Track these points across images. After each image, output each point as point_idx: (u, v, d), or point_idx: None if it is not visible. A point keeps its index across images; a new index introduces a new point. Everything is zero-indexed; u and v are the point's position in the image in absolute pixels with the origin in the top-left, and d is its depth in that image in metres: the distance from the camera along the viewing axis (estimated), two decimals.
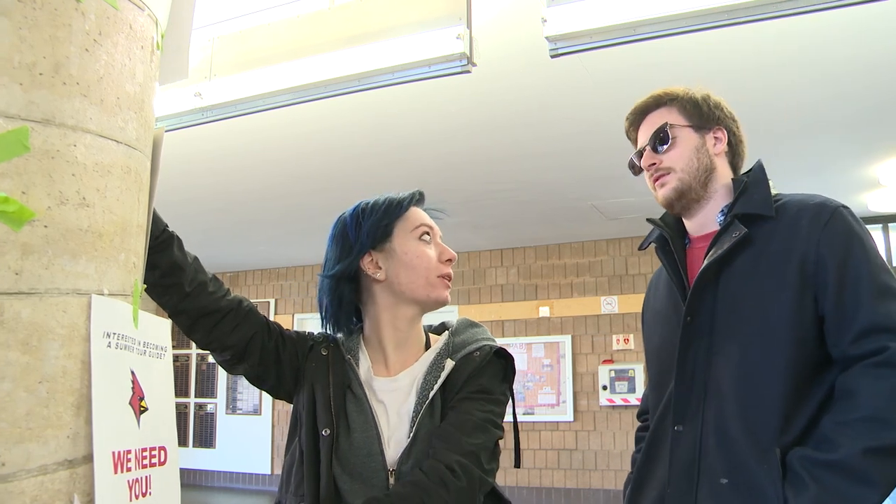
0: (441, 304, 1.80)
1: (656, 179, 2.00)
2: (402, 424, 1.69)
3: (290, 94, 3.32)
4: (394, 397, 1.73)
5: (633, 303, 9.29)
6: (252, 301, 1.79)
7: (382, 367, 1.79)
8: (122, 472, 0.94)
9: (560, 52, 2.80)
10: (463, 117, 5.29)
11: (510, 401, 1.79)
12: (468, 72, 2.93)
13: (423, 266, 1.77)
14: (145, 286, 1.14)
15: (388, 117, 5.24)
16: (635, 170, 2.09)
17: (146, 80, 1.11)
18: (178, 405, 11.57)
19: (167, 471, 1.07)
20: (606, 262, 9.58)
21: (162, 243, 1.54)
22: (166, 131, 1.22)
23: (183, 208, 7.37)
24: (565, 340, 9.59)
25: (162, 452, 1.07)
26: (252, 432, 11.31)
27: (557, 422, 9.43)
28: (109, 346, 0.96)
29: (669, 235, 2.02)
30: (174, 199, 6.91)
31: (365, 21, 3.15)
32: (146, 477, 1.00)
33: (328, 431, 1.67)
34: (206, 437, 11.60)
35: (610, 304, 9.45)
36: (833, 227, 1.74)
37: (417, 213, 1.83)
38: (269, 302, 11.43)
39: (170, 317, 1.57)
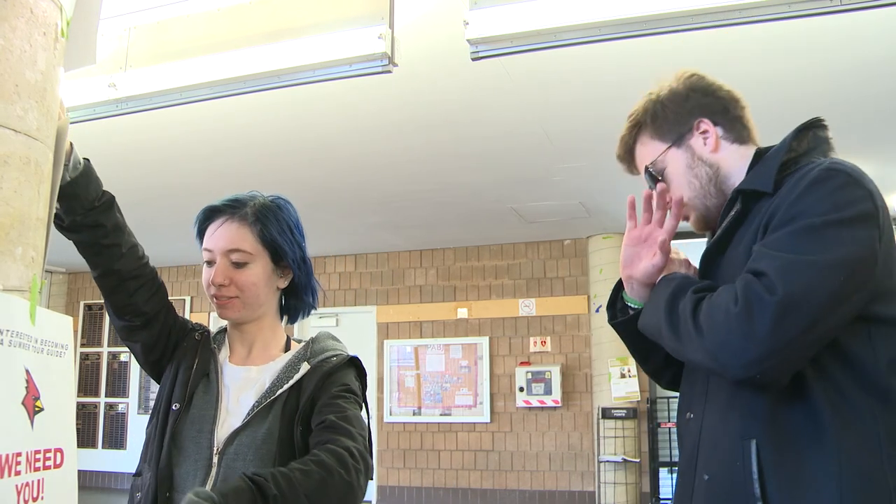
0: (225, 320, 1.91)
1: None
2: (239, 411, 1.78)
3: (207, 89, 3.27)
4: (239, 385, 1.84)
5: (551, 305, 9.41)
6: (168, 298, 1.91)
7: (240, 359, 1.90)
8: (9, 475, 0.90)
9: (481, 55, 2.82)
10: (383, 117, 5.27)
11: (364, 409, 1.87)
12: (389, 72, 2.93)
13: (206, 290, 1.88)
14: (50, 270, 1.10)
15: (308, 115, 5.20)
16: None
17: (49, 68, 1.07)
18: (87, 405, 11.25)
19: (63, 474, 1.03)
20: (525, 265, 9.67)
21: (105, 203, 1.65)
22: (79, 122, 1.18)
23: None
24: (483, 342, 9.63)
25: (58, 454, 1.02)
26: None
27: (474, 423, 9.46)
28: (2, 343, 0.92)
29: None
30: None
31: (286, 17, 3.12)
32: (38, 480, 0.96)
33: (177, 406, 1.78)
34: (116, 438, 11.26)
35: (527, 307, 9.54)
36: (806, 180, 1.44)
37: (208, 237, 1.93)
38: (184, 299, 11.18)
39: (98, 278, 1.75)
